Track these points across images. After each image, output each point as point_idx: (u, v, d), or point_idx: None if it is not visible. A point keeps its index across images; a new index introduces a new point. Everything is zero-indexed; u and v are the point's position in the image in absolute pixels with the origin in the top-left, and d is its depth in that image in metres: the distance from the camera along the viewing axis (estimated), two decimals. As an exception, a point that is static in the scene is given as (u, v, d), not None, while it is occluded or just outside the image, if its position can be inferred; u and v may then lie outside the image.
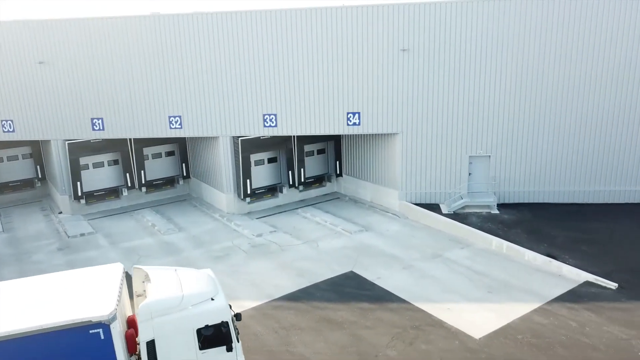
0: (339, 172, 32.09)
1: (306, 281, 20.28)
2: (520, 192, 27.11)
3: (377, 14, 25.26)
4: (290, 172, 30.07)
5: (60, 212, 30.09)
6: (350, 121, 27.00)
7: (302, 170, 30.40)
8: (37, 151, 33.21)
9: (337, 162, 31.92)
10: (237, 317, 13.21)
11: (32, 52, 27.34)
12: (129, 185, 30.78)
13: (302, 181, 30.58)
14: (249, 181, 28.80)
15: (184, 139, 31.81)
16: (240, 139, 27.94)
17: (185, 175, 33.00)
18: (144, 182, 31.15)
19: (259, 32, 26.17)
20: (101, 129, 28.43)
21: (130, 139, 29.96)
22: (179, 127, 28.12)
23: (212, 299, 12.66)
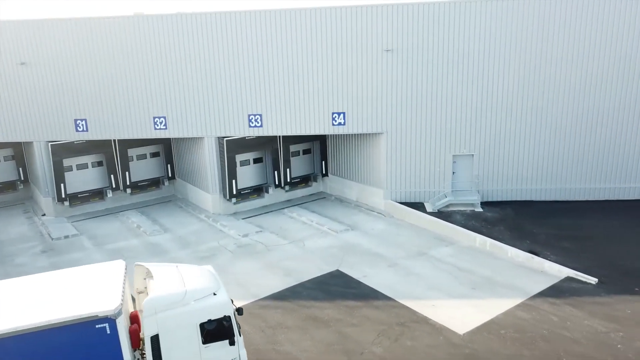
0: (324, 172, 32.23)
1: (292, 280, 20.38)
2: (503, 190, 27.51)
3: (361, 14, 25.47)
4: (276, 172, 30.13)
5: (43, 215, 29.78)
6: (335, 121, 27.16)
7: (288, 170, 30.48)
8: (20, 153, 32.81)
9: (323, 162, 32.05)
10: (238, 312, 13.41)
11: (13, 53, 27.03)
12: (114, 186, 30.54)
13: (288, 181, 30.66)
14: (234, 182, 28.78)
15: (169, 139, 31.70)
16: (225, 139, 27.94)
17: (170, 176, 32.84)
18: (128, 183, 30.94)
19: (244, 33, 26.22)
20: (85, 130, 28.20)
21: (114, 140, 29.75)
22: (164, 127, 28.02)
23: (215, 294, 12.86)
